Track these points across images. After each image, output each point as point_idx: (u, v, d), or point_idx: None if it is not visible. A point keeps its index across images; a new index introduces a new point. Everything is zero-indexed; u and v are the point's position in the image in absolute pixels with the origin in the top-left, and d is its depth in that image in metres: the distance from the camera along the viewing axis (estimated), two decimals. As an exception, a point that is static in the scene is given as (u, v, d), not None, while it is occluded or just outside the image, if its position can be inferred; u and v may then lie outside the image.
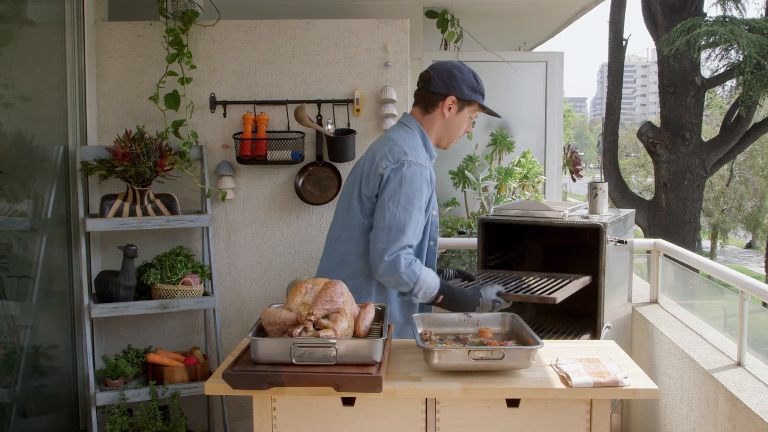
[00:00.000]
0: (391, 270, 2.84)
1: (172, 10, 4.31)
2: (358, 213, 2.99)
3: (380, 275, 2.88)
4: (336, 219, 3.17)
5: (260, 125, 4.38)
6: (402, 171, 2.90)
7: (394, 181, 2.90)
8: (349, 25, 4.47)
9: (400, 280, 2.86)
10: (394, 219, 2.86)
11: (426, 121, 3.11)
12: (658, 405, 3.64)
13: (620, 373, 2.26)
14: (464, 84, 3.06)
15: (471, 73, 3.09)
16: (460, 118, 3.11)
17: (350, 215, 3.02)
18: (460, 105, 3.08)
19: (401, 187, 2.89)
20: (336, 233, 3.12)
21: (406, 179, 2.90)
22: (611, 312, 3.56)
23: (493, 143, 5.32)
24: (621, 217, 3.69)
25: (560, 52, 5.67)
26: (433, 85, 3.05)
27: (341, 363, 2.21)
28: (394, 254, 2.84)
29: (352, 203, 3.02)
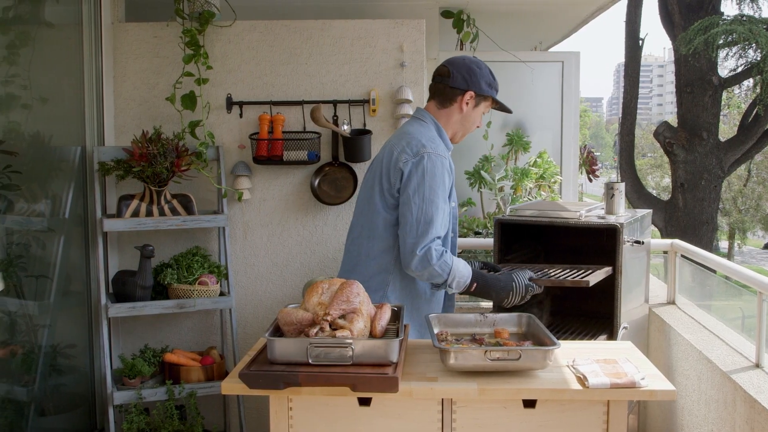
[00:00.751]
0: (424, 263, 2.85)
1: (188, 11, 4.33)
2: (381, 209, 3.00)
3: (413, 270, 2.89)
4: (357, 216, 3.18)
5: (276, 125, 4.39)
6: (423, 163, 2.92)
7: (417, 175, 2.91)
8: (365, 26, 4.47)
9: (433, 273, 2.87)
10: (421, 213, 2.87)
11: (442, 115, 3.12)
12: (676, 406, 3.63)
13: (637, 374, 2.25)
14: (483, 80, 3.08)
15: (488, 68, 3.13)
16: (476, 113, 3.13)
17: (372, 211, 3.03)
18: (477, 100, 3.09)
19: (424, 179, 2.91)
20: (358, 230, 3.13)
21: (428, 171, 2.91)
22: (628, 313, 3.54)
23: (509, 143, 5.31)
24: (638, 217, 3.67)
25: (576, 51, 5.66)
26: (453, 80, 3.07)
27: (357, 363, 2.21)
28: (425, 247, 2.85)
29: (374, 199, 3.02)
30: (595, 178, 5.68)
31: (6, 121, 3.85)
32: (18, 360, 3.94)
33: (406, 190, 2.92)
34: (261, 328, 4.60)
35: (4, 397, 3.85)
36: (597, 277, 3.27)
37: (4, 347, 3.88)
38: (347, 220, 4.51)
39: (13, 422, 3.87)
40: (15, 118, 3.88)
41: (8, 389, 3.86)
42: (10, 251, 3.88)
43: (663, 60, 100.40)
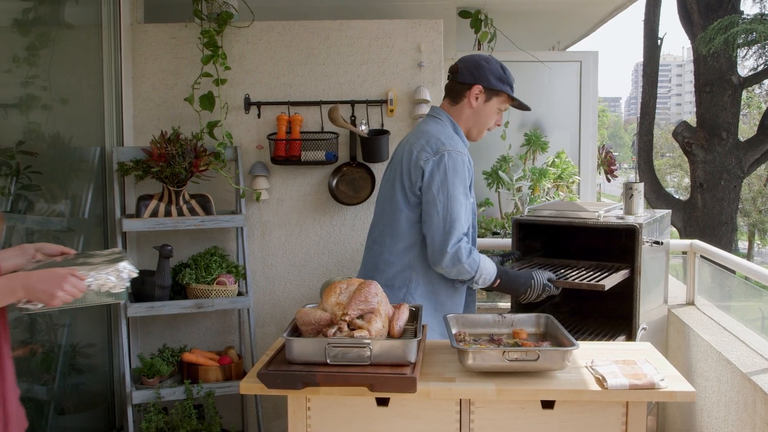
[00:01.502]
0: (455, 261, 2.89)
1: (207, 12, 4.34)
2: (404, 206, 3.01)
3: (443, 267, 2.92)
4: (378, 215, 3.19)
5: (294, 126, 4.39)
6: (444, 161, 2.94)
7: (439, 173, 2.93)
8: (382, 26, 4.48)
9: (462, 270, 2.92)
10: (446, 211, 2.90)
11: (455, 112, 3.14)
12: (695, 408, 3.61)
13: (657, 375, 2.24)
14: (490, 74, 3.07)
15: (498, 64, 3.12)
16: (489, 108, 3.12)
17: (395, 209, 3.04)
18: (487, 95, 3.09)
19: (446, 177, 2.93)
20: (380, 229, 3.13)
21: (450, 168, 2.94)
22: (647, 313, 3.53)
23: (527, 143, 5.30)
24: (657, 217, 3.66)
25: (594, 51, 5.63)
26: (461, 75, 3.09)
27: (375, 363, 2.21)
28: (455, 246, 2.89)
29: (395, 197, 3.04)
30: (613, 178, 5.66)
31: (26, 122, 3.88)
32: (38, 359, 3.97)
33: (430, 189, 2.94)
34: (279, 328, 4.61)
35: (25, 395, 3.86)
36: (613, 281, 3.28)
37: (25, 346, 3.91)
38: (365, 221, 4.51)
39: (33, 421, 3.90)
40: (35, 119, 3.91)
41: (28, 388, 3.89)
42: (31, 251, 3.91)
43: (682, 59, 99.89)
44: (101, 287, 2.19)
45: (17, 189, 3.77)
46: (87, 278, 2.15)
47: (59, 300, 2.07)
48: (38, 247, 2.42)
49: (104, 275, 2.20)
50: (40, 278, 2.07)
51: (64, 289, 2.06)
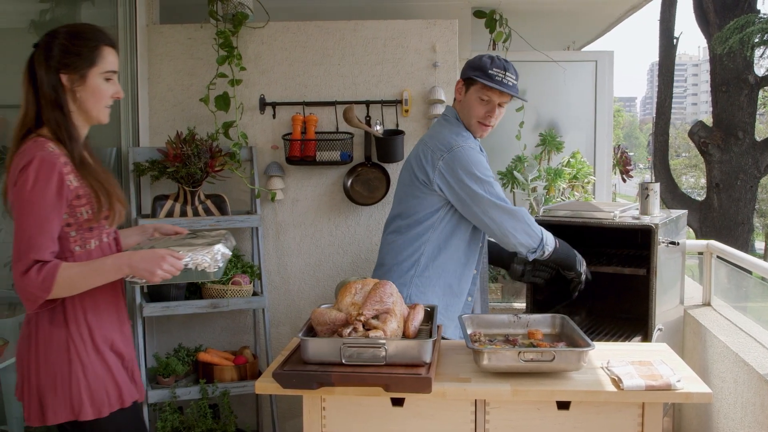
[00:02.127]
0: (532, 235, 3.07)
1: (222, 13, 4.35)
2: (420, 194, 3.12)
3: (524, 244, 3.07)
4: (398, 210, 3.25)
5: (309, 126, 4.40)
6: (458, 154, 3.02)
7: (460, 167, 3.02)
8: (397, 26, 4.48)
9: (531, 233, 3.08)
10: (492, 195, 3.03)
11: (456, 109, 3.23)
12: (711, 409, 3.59)
13: (673, 377, 2.24)
14: (468, 65, 3.15)
15: (485, 56, 3.14)
16: (469, 99, 3.14)
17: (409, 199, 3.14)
18: (465, 85, 3.16)
19: (469, 167, 3.01)
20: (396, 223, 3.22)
21: (467, 159, 3.02)
22: (663, 314, 3.52)
23: (542, 143, 5.29)
24: (673, 218, 3.64)
25: (610, 51, 5.61)
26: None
27: (391, 363, 2.21)
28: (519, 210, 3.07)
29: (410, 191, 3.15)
30: (628, 178, 5.64)
31: (43, 123, 3.90)
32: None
33: (463, 186, 3.02)
34: (293, 327, 4.62)
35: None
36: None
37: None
38: (380, 221, 4.51)
39: (49, 420, 3.92)
40: (52, 120, 3.92)
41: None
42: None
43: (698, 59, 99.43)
44: (197, 266, 2.41)
45: (34, 189, 3.79)
46: (185, 258, 2.38)
47: (158, 277, 2.32)
48: (156, 227, 2.75)
49: (200, 256, 2.41)
50: (143, 258, 2.32)
51: (163, 268, 2.32)
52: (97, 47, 2.37)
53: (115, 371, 2.39)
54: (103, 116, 2.46)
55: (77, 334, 2.33)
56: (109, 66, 2.41)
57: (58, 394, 2.30)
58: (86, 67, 2.35)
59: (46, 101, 2.33)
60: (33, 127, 2.34)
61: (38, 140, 2.29)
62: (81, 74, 2.35)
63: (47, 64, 2.33)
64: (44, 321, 2.32)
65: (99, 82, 2.38)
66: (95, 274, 2.28)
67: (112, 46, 2.43)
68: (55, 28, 2.40)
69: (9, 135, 3.62)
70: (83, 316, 2.34)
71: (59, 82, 2.33)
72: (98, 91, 2.39)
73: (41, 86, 2.33)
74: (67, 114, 2.35)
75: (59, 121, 2.33)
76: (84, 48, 2.35)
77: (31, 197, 2.21)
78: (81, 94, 2.37)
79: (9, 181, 2.30)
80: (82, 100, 2.38)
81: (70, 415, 2.31)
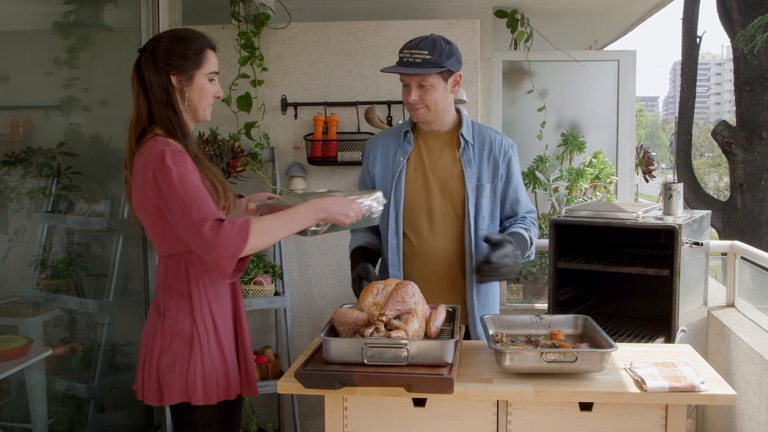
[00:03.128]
0: None
1: (244, 14, 4.37)
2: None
3: None
4: None
5: (331, 126, 4.41)
6: None
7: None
8: (419, 26, 4.47)
9: None
10: None
11: None
12: (735, 411, 3.56)
13: (697, 378, 2.22)
14: None
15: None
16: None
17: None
18: None
19: None
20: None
21: None
22: (686, 315, 3.49)
23: (564, 143, 5.27)
24: (696, 218, 3.62)
25: (632, 50, 5.58)
26: None
27: (412, 364, 2.21)
28: None
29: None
30: (651, 178, 5.61)
31: (67, 124, 3.93)
32: (78, 357, 4.02)
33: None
34: (315, 328, 4.62)
35: (65, 393, 3.93)
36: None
37: (65, 344, 3.96)
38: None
39: (73, 418, 3.96)
40: (76, 121, 3.96)
41: (69, 385, 3.94)
42: (71, 250, 3.97)
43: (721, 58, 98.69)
44: (368, 210, 2.56)
45: (58, 189, 3.82)
46: (365, 203, 2.54)
47: (351, 219, 2.46)
48: (249, 198, 2.85)
49: (368, 201, 2.57)
50: (336, 202, 2.45)
51: (354, 210, 2.47)
52: (202, 50, 2.51)
53: (229, 363, 2.49)
54: (207, 114, 2.58)
55: (201, 324, 2.43)
56: (212, 67, 2.54)
57: (176, 377, 2.42)
58: (193, 68, 2.48)
59: (158, 101, 2.45)
60: (147, 126, 2.47)
61: (158, 139, 2.40)
62: (188, 75, 2.48)
63: (156, 66, 2.46)
64: (172, 309, 2.44)
65: (204, 82, 2.51)
66: (290, 221, 2.38)
67: (214, 48, 2.57)
68: (159, 34, 2.58)
69: (33, 135, 3.68)
70: (208, 307, 2.45)
71: (169, 82, 2.45)
72: (203, 91, 2.51)
73: (151, 88, 2.46)
74: (179, 112, 2.47)
75: (172, 119, 2.46)
76: (189, 51, 2.48)
77: (180, 178, 2.29)
78: (189, 93, 2.49)
79: (135, 184, 2.41)
80: (189, 100, 2.50)
81: (183, 396, 2.43)
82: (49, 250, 3.87)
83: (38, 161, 3.67)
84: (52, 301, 3.84)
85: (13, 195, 3.55)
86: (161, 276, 2.50)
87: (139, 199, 2.40)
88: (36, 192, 3.71)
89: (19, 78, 3.69)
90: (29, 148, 3.62)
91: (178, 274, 2.44)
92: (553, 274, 3.70)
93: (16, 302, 3.71)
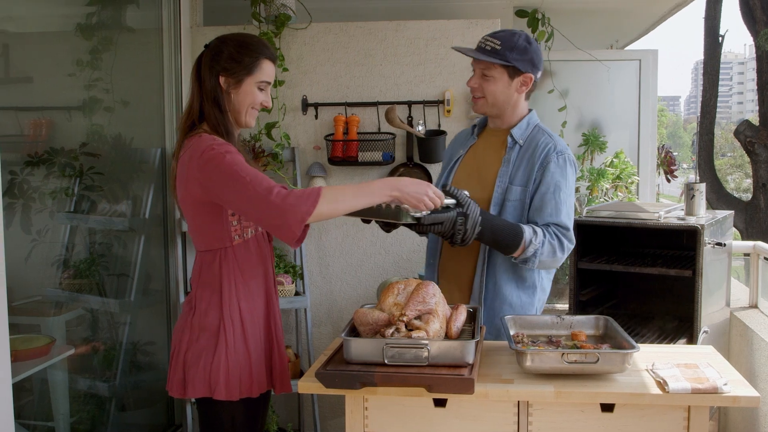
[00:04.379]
0: None
1: (265, 15, 4.38)
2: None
3: None
4: None
5: (351, 127, 4.41)
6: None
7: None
8: (439, 26, 4.47)
9: None
10: None
11: None
12: (758, 413, 3.53)
13: (719, 380, 2.20)
14: None
15: None
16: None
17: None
18: None
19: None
20: None
21: None
22: (708, 316, 3.47)
23: (585, 143, 5.24)
24: (719, 218, 3.59)
25: (654, 49, 5.55)
26: None
27: (433, 364, 2.21)
28: None
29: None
30: (673, 178, 5.57)
31: (89, 124, 3.96)
32: (100, 356, 4.04)
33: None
34: (335, 327, 4.63)
35: (87, 392, 3.96)
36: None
37: (87, 344, 3.99)
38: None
39: (94, 416, 3.98)
40: (98, 121, 3.98)
41: (90, 384, 3.96)
42: (93, 250, 3.99)
43: (744, 57, 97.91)
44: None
45: (80, 190, 3.85)
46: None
47: (425, 203, 2.42)
48: None
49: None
50: (411, 182, 2.43)
51: (429, 195, 2.43)
52: (258, 59, 2.56)
53: (254, 360, 2.53)
54: (250, 121, 2.62)
55: (229, 319, 2.48)
56: (265, 77, 2.59)
57: (200, 370, 2.47)
58: (244, 74, 2.54)
59: (207, 98, 2.54)
60: (197, 120, 2.56)
61: (203, 136, 2.47)
62: (237, 79, 2.54)
63: (211, 64, 2.54)
64: (203, 303, 2.51)
65: (252, 89, 2.56)
66: (362, 193, 2.37)
67: (272, 60, 2.62)
68: (226, 35, 2.62)
69: (56, 136, 3.71)
70: (237, 303, 2.50)
71: (218, 83, 2.53)
72: (249, 97, 2.56)
73: (204, 83, 2.55)
74: (224, 112, 2.54)
75: (218, 117, 2.53)
76: (245, 57, 2.53)
77: (234, 161, 2.35)
78: (234, 97, 2.55)
79: (179, 177, 2.48)
80: (234, 103, 2.56)
81: (206, 391, 2.47)
82: (71, 250, 3.89)
83: (61, 162, 3.69)
84: (75, 301, 3.86)
85: (36, 195, 3.57)
86: (197, 271, 2.58)
87: (183, 193, 2.48)
88: (59, 192, 3.73)
89: (41, 79, 3.71)
90: (52, 148, 3.65)
91: (212, 270, 2.51)
92: (575, 275, 3.68)
93: (39, 302, 3.73)
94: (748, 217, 10.52)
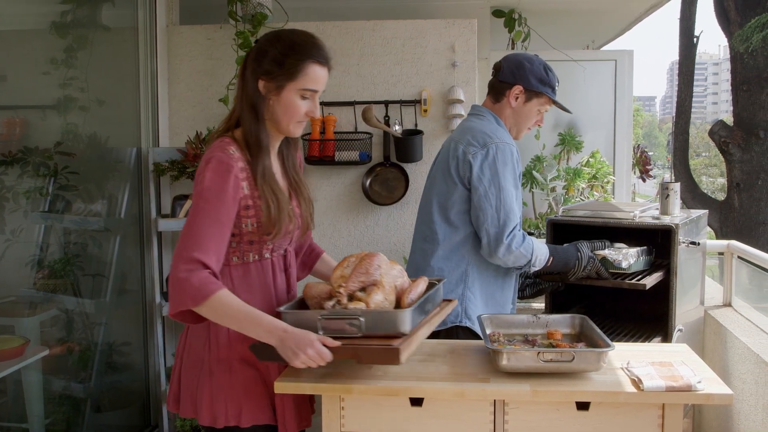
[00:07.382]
0: (509, 250, 2.89)
1: (241, 13, 4.37)
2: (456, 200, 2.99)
3: (500, 258, 2.91)
4: (425, 215, 3.13)
5: (328, 126, 4.41)
6: (491, 153, 2.93)
7: (487, 165, 2.92)
8: (416, 26, 4.48)
9: (519, 256, 2.92)
10: (499, 202, 2.89)
11: (497, 110, 3.12)
12: (732, 411, 3.56)
13: (693, 378, 2.22)
14: (532, 75, 3.05)
15: (542, 65, 3.09)
16: (528, 109, 3.09)
17: (445, 204, 3.02)
18: (527, 95, 3.07)
19: (496, 169, 2.92)
20: (429, 227, 3.07)
21: (499, 160, 2.93)
22: (683, 315, 3.49)
23: (562, 143, 5.27)
24: (693, 218, 3.62)
25: (630, 50, 5.58)
26: (502, 74, 3.09)
27: (369, 335, 2.17)
28: (510, 235, 2.88)
29: (445, 192, 3.02)
30: (648, 178, 5.61)
31: (64, 123, 3.93)
32: (75, 357, 4.02)
33: (481, 182, 2.92)
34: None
35: (62, 393, 3.93)
36: (654, 280, 3.26)
37: (62, 344, 3.96)
38: (399, 221, 4.51)
39: (70, 418, 3.95)
40: (73, 120, 3.95)
41: (65, 385, 3.94)
42: (68, 250, 3.96)
43: (718, 57, 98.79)
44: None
45: (55, 189, 3.82)
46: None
47: (298, 363, 2.11)
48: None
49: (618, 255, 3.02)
50: (294, 336, 2.12)
51: (307, 354, 2.10)
52: (303, 62, 2.26)
53: (242, 389, 2.33)
54: (295, 131, 2.37)
55: (215, 341, 2.32)
56: (310, 84, 2.29)
57: (187, 390, 2.36)
58: (284, 79, 2.27)
59: (246, 102, 2.32)
60: (233, 126, 2.35)
61: (224, 140, 2.29)
62: (278, 85, 2.27)
63: (253, 66, 2.30)
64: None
65: (293, 97, 2.29)
66: (247, 321, 2.17)
67: (321, 64, 2.31)
68: (280, 31, 2.37)
69: (30, 135, 3.68)
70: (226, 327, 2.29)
71: (256, 87, 2.29)
72: (291, 107, 2.30)
73: (246, 86, 2.32)
74: (261, 120, 2.30)
75: (251, 126, 2.30)
76: (287, 58, 2.26)
77: (208, 196, 2.18)
78: (274, 104, 2.30)
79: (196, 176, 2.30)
80: (273, 111, 2.31)
81: (192, 413, 2.35)
82: (46, 250, 3.86)
83: (35, 161, 3.66)
84: (49, 301, 3.83)
85: (9, 195, 3.54)
86: None
87: None
88: (33, 192, 3.70)
89: (16, 78, 3.68)
90: (26, 147, 3.62)
91: None
92: (551, 274, 3.69)
93: (13, 302, 3.70)
94: (722, 216, 10.60)
